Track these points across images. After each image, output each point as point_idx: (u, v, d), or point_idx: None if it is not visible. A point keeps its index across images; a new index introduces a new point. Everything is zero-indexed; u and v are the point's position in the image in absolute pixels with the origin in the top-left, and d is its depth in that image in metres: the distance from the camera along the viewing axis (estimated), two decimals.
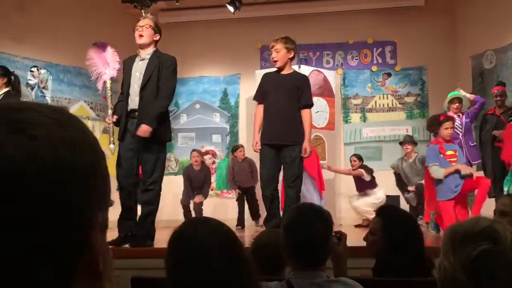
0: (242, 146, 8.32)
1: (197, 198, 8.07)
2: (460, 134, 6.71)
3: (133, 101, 4.64)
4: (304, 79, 5.11)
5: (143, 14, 7.74)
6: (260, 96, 5.08)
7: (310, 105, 5.01)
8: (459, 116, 6.84)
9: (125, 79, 4.72)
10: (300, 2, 8.86)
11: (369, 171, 7.93)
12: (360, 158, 8.08)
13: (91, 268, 0.61)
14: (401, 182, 7.71)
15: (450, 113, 6.81)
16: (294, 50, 5.06)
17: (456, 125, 6.65)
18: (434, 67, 8.84)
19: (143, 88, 4.59)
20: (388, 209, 2.75)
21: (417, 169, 7.58)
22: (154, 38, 4.77)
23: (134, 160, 4.60)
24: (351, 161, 8.09)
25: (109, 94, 4.77)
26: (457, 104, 6.85)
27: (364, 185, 7.93)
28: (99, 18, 8.36)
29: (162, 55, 4.74)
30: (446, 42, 8.76)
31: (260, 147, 4.95)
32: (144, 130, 4.50)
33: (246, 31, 9.13)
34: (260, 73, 7.40)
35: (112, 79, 4.83)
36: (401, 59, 9.14)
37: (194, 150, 8.46)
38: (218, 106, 9.58)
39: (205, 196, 8.15)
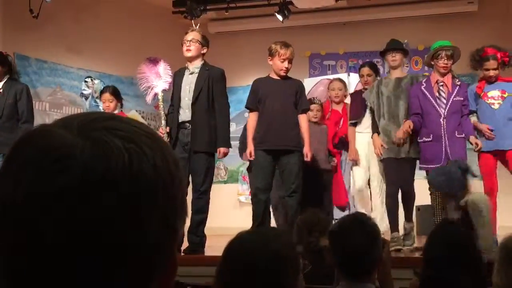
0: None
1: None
2: (444, 111, 5.05)
3: (184, 113, 4.83)
4: (301, 84, 5.24)
5: (193, 25, 7.89)
6: (254, 103, 5.05)
7: (308, 109, 5.12)
8: (445, 82, 5.14)
9: (175, 92, 4.89)
10: (348, 9, 8.81)
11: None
12: (375, 70, 6.04)
13: (168, 275, 0.63)
14: (374, 124, 5.38)
15: (437, 75, 5.20)
16: None
17: (441, 95, 5.11)
18: None
19: (194, 101, 4.75)
20: (440, 225, 2.65)
21: (402, 92, 5.26)
22: (202, 52, 4.96)
23: (185, 170, 4.70)
24: (363, 76, 5.96)
25: (162, 106, 4.90)
26: (445, 60, 5.16)
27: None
28: (150, 29, 8.54)
29: (210, 68, 4.91)
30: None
31: (254, 156, 4.89)
32: (225, 152, 4.78)
33: (295, 40, 9.05)
34: (309, 81, 7.40)
35: (164, 91, 4.96)
36: (453, 65, 8.94)
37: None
38: None
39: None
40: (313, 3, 7.55)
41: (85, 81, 8.24)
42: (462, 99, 5.14)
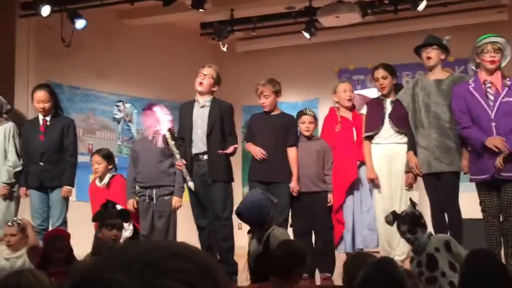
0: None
1: None
2: (491, 113, 4.29)
3: (197, 146, 4.98)
4: (292, 119, 5.22)
5: (221, 45, 7.98)
6: (250, 136, 5.20)
7: (295, 144, 5.09)
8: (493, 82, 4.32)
9: (185, 125, 4.99)
10: (375, 24, 8.78)
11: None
12: (391, 72, 5.16)
13: None
14: (411, 138, 4.75)
15: (483, 74, 4.36)
16: (281, 91, 5.18)
17: (488, 97, 4.34)
18: None
19: (209, 133, 4.91)
20: (474, 254, 2.51)
21: (443, 96, 4.56)
22: (212, 89, 5.05)
23: (205, 201, 4.93)
24: (377, 79, 5.11)
25: (172, 143, 5.00)
26: (491, 53, 4.31)
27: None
28: (178, 51, 8.67)
29: (221, 102, 5.08)
30: None
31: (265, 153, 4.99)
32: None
33: (323, 55, 9.15)
34: None
35: (169, 130, 5.08)
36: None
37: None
38: None
39: None
40: (339, 21, 7.55)
41: (117, 105, 8.38)
42: None
